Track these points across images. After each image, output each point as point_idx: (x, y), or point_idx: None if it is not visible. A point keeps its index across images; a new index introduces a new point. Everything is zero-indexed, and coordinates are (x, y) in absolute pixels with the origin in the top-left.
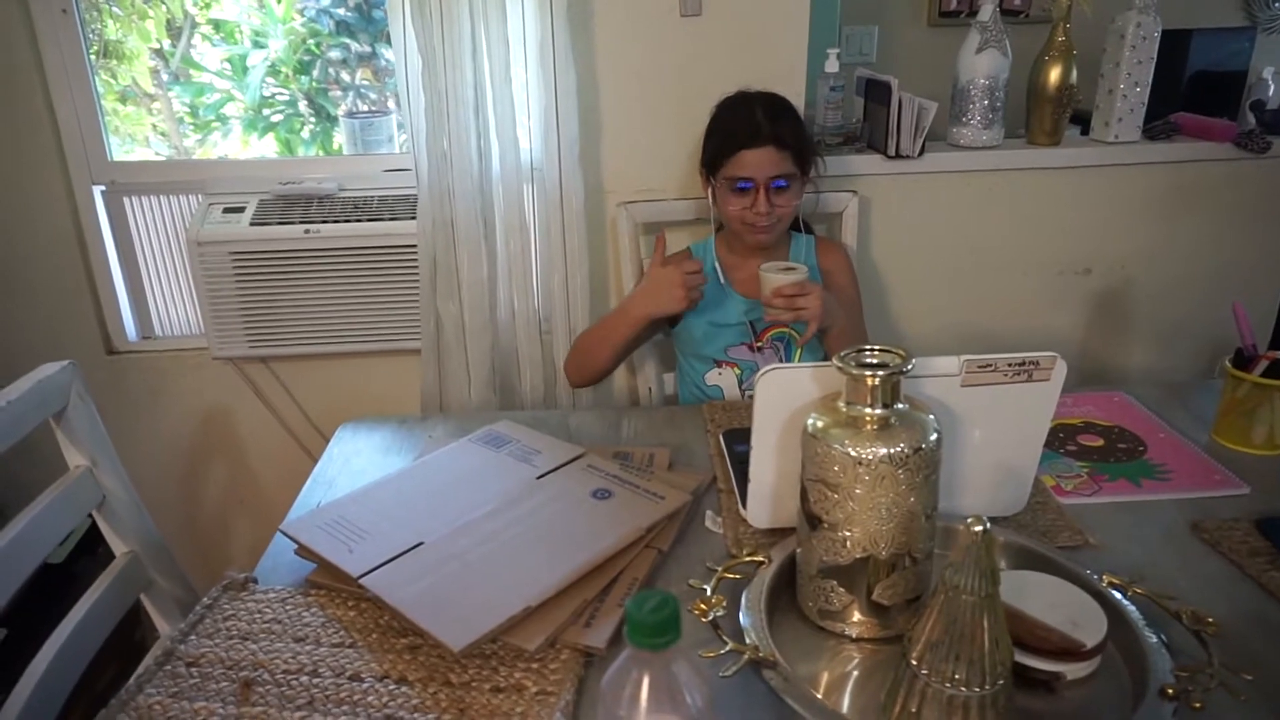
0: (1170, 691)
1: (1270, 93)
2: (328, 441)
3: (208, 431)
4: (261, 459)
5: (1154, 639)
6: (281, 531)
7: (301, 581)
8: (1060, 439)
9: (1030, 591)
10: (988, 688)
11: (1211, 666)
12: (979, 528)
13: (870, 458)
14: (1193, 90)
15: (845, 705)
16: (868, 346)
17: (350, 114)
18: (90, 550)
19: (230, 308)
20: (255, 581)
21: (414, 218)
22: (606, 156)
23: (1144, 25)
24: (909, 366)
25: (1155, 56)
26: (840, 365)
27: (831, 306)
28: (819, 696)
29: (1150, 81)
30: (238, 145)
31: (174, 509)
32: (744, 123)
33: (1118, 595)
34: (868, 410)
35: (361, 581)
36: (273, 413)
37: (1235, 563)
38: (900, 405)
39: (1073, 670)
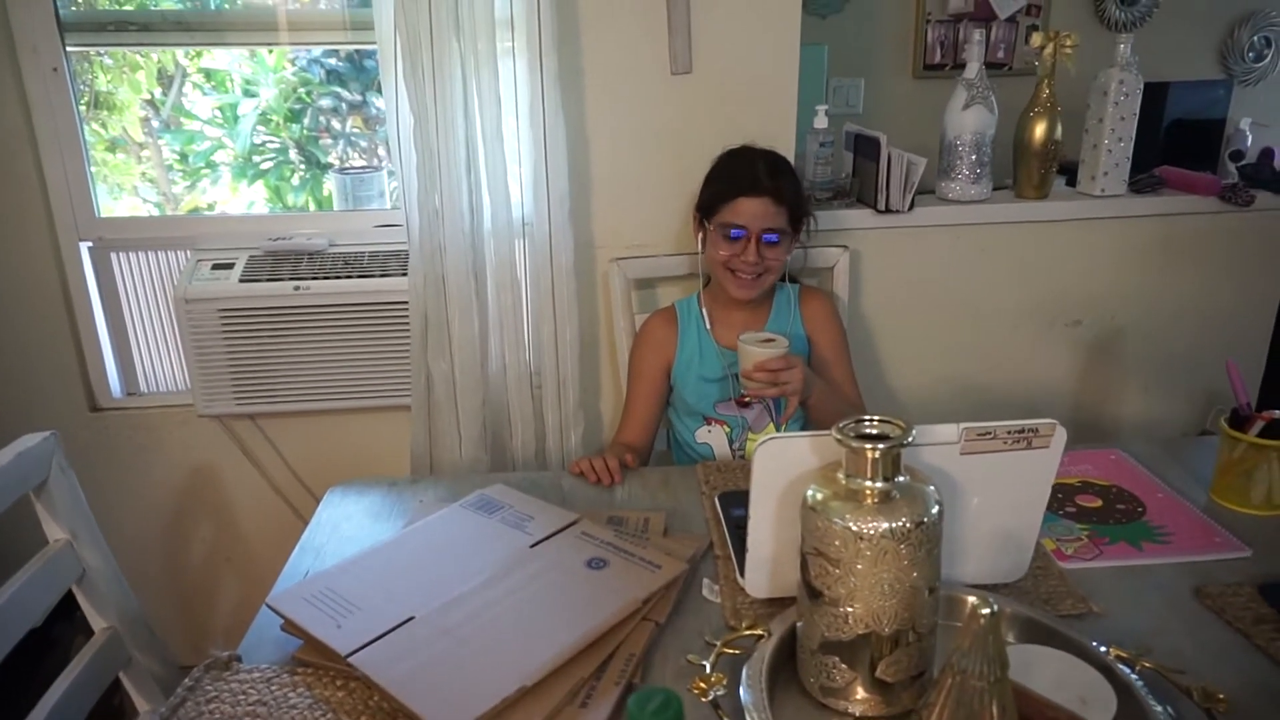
0: None
1: (1248, 143)
2: (317, 500)
3: (194, 490)
4: (249, 518)
5: (1164, 717)
6: (268, 605)
7: (288, 659)
8: (1059, 500)
9: (1037, 668)
10: None
11: None
12: (986, 610)
13: (871, 533)
14: (1171, 140)
15: None
16: (867, 417)
17: (341, 169)
18: (67, 614)
19: (217, 365)
20: (239, 660)
21: (405, 274)
22: (597, 212)
23: (1126, 82)
24: (910, 438)
25: (1138, 112)
26: (840, 437)
27: (811, 378)
28: None
29: (1134, 136)
30: (227, 193)
31: (159, 569)
32: (745, 172)
33: (1125, 670)
34: (868, 483)
35: (350, 660)
36: (260, 471)
37: (1240, 630)
38: (901, 478)
39: None
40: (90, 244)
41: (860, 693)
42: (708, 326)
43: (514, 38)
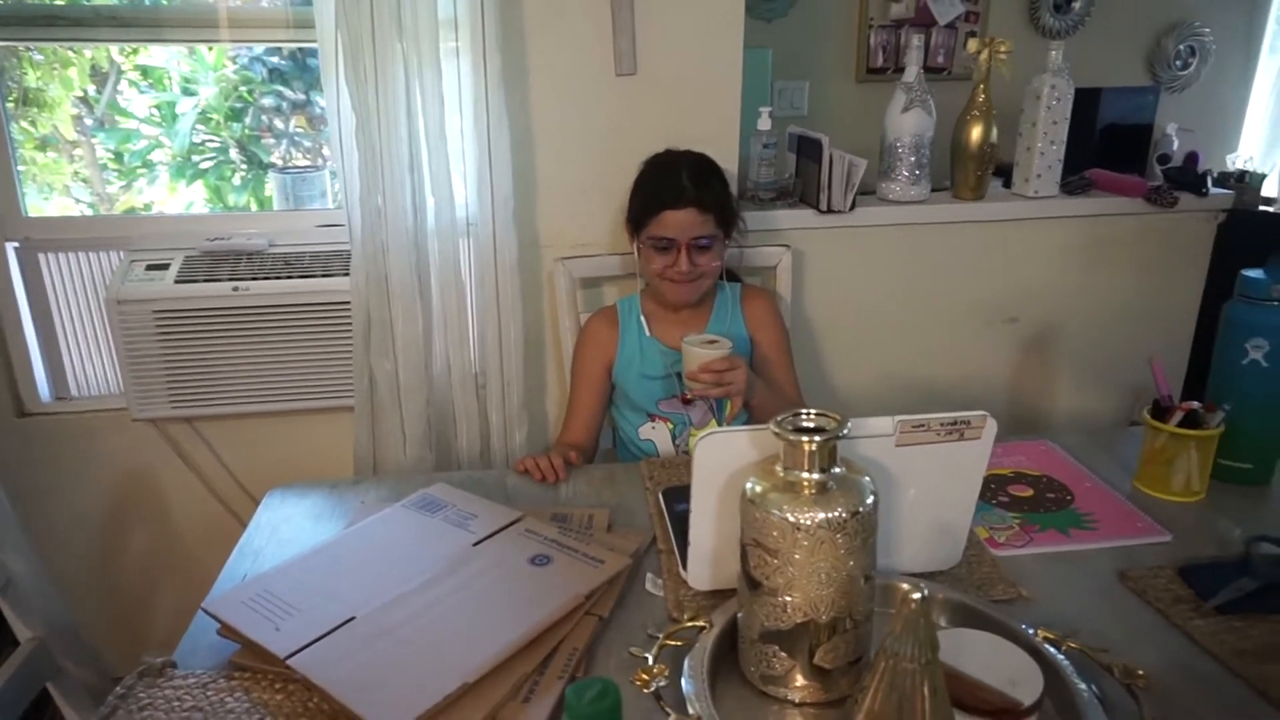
0: None
1: (1174, 147)
2: (257, 504)
3: (128, 496)
4: (186, 524)
5: (1088, 694)
6: (204, 610)
7: (225, 664)
8: (992, 490)
9: (968, 650)
10: None
11: None
12: (916, 595)
13: (808, 523)
14: (1103, 144)
15: None
16: (804, 411)
17: (282, 168)
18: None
19: (153, 367)
20: (174, 666)
21: (347, 274)
22: (541, 212)
23: (1058, 87)
24: (845, 430)
25: (1069, 116)
26: (777, 431)
27: (753, 378)
28: None
29: (1065, 140)
30: (165, 193)
31: (92, 578)
32: (669, 184)
33: (1052, 650)
34: (805, 475)
35: (289, 662)
36: (198, 475)
37: (1161, 611)
38: (837, 469)
39: None
40: (16, 244)
41: (799, 680)
42: (646, 327)
43: (458, 38)
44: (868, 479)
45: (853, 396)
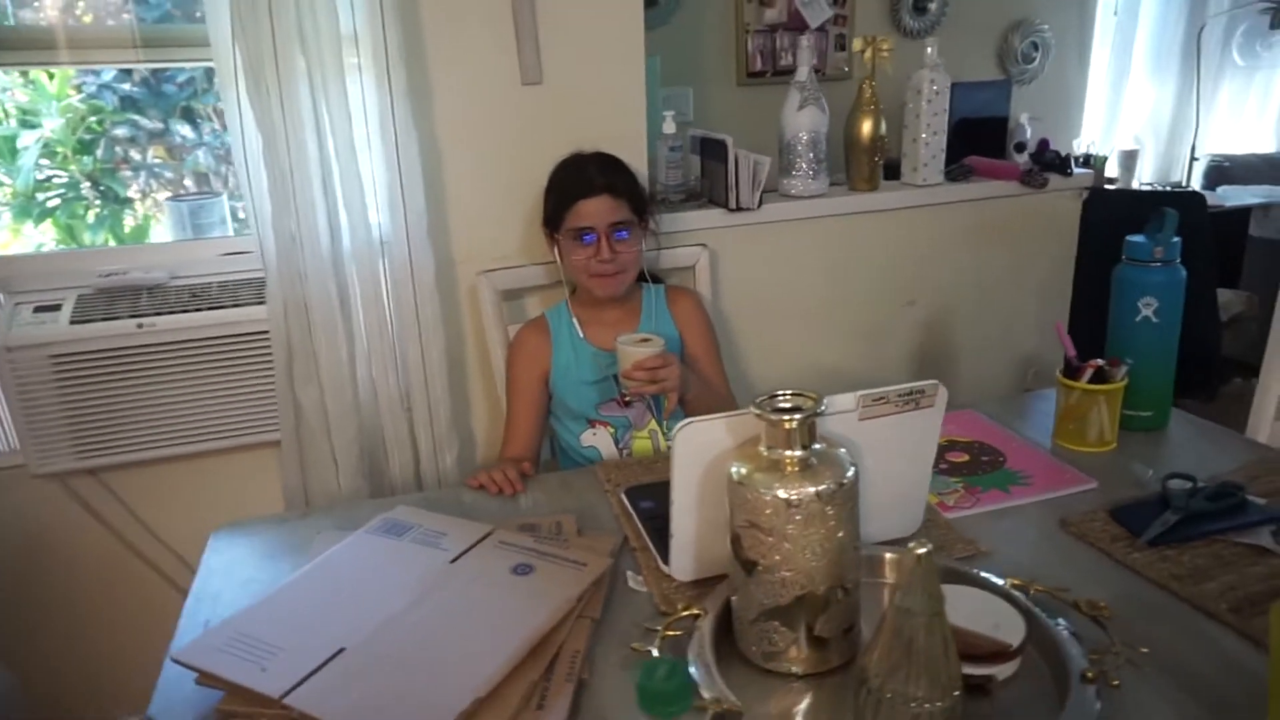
0: (1090, 675)
1: (1028, 135)
2: (180, 557)
3: (37, 559)
4: (106, 586)
5: (1062, 629)
6: (174, 660)
7: (210, 713)
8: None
9: (951, 604)
10: (948, 700)
11: (1115, 647)
12: (922, 551)
13: (801, 498)
14: (962, 136)
15: None
16: (780, 392)
17: (175, 197)
18: None
19: (51, 417)
20: None
21: (260, 302)
22: (455, 226)
23: (936, 80)
24: (823, 408)
25: (949, 108)
26: (759, 412)
27: (686, 375)
28: None
29: (946, 129)
30: (7, 235)
31: (14, 653)
32: (578, 176)
33: (1022, 595)
34: (789, 453)
35: (286, 701)
36: (112, 531)
37: (1103, 550)
38: (817, 445)
39: (1003, 671)
40: None
41: (799, 652)
42: (580, 331)
43: (359, 52)
44: (844, 451)
45: (771, 385)
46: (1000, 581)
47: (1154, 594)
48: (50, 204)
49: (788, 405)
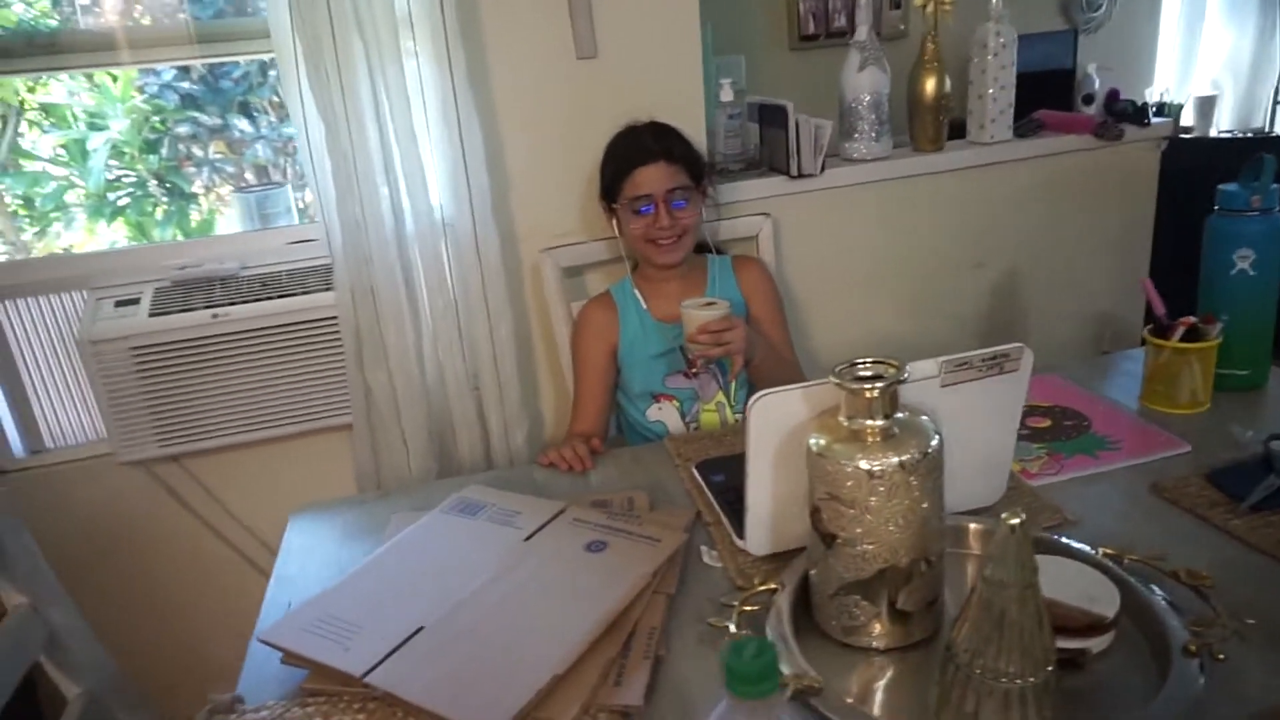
0: (1192, 649)
1: (1096, 86)
2: (260, 539)
3: (123, 546)
4: (191, 569)
5: (1161, 600)
6: (261, 640)
7: (295, 691)
8: None
9: (1042, 575)
10: (1041, 675)
11: (1220, 618)
12: (1015, 520)
13: (884, 469)
14: (1029, 89)
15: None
16: (859, 360)
17: (241, 188)
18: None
19: (135, 407)
20: (242, 701)
21: (327, 288)
22: (517, 204)
23: (1002, 32)
24: (905, 375)
25: (1015, 60)
26: (838, 381)
27: (753, 338)
28: (875, 714)
29: (1014, 83)
30: (83, 234)
31: (109, 635)
32: (634, 145)
33: (1116, 566)
34: (870, 423)
35: (368, 680)
36: (195, 515)
37: (1200, 516)
38: (900, 414)
39: (1097, 644)
40: None
41: (881, 626)
42: (644, 305)
43: (415, 35)
44: (927, 419)
45: (837, 355)
46: (1091, 551)
47: (1260, 562)
48: (120, 203)
49: (868, 374)
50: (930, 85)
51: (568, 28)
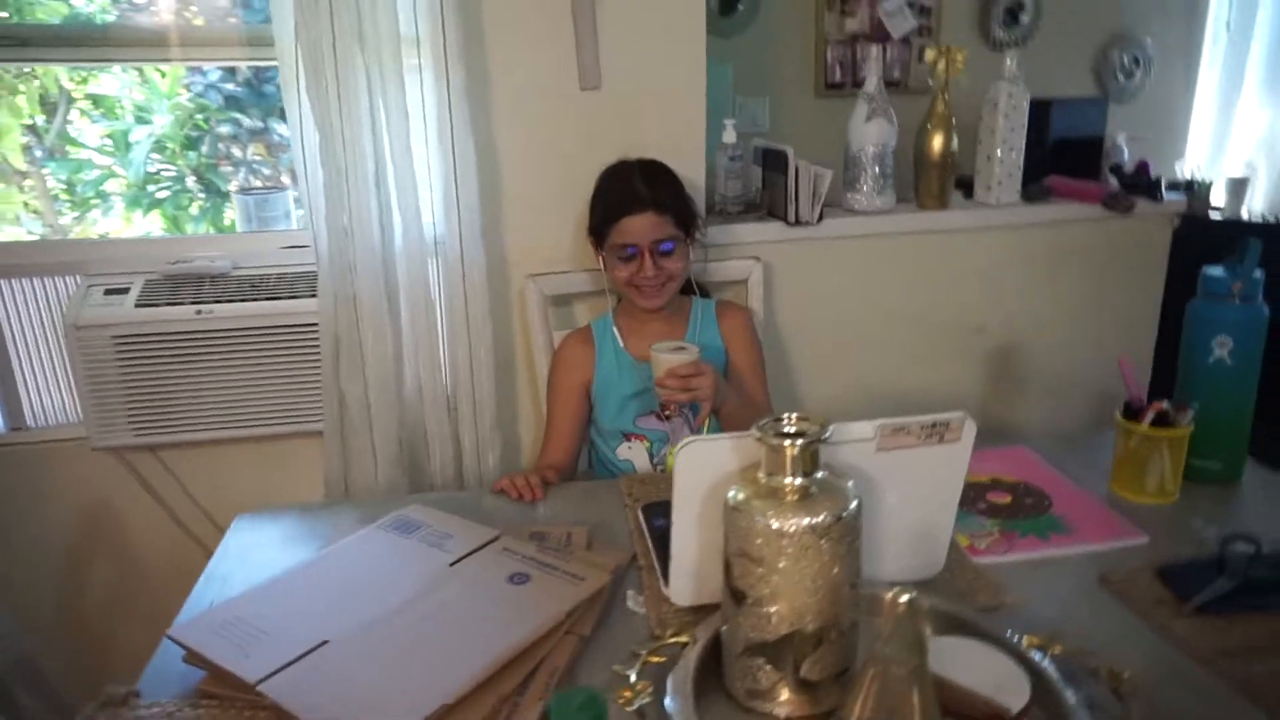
0: None
1: (1125, 156)
2: (224, 532)
3: (89, 527)
4: (151, 557)
5: (1074, 699)
6: (168, 637)
7: (192, 692)
8: (970, 498)
9: (954, 658)
10: None
11: None
12: (905, 598)
13: (793, 529)
14: (1057, 155)
15: None
16: (785, 415)
17: (243, 190)
18: None
19: (113, 394)
20: (138, 695)
21: (314, 295)
22: (508, 229)
23: (1014, 94)
24: (827, 434)
25: (1026, 124)
26: (759, 435)
27: (723, 385)
28: None
29: (1023, 147)
30: (120, 223)
31: (52, 612)
32: (623, 191)
33: (1037, 656)
34: (787, 480)
35: (260, 688)
36: (162, 505)
37: (1142, 614)
38: (819, 474)
39: None
40: None
41: (785, 694)
42: (622, 344)
43: (419, 53)
44: (850, 483)
45: (824, 408)
46: (1015, 638)
47: (1192, 667)
48: (159, 195)
49: (791, 430)
50: (938, 142)
51: (572, 57)
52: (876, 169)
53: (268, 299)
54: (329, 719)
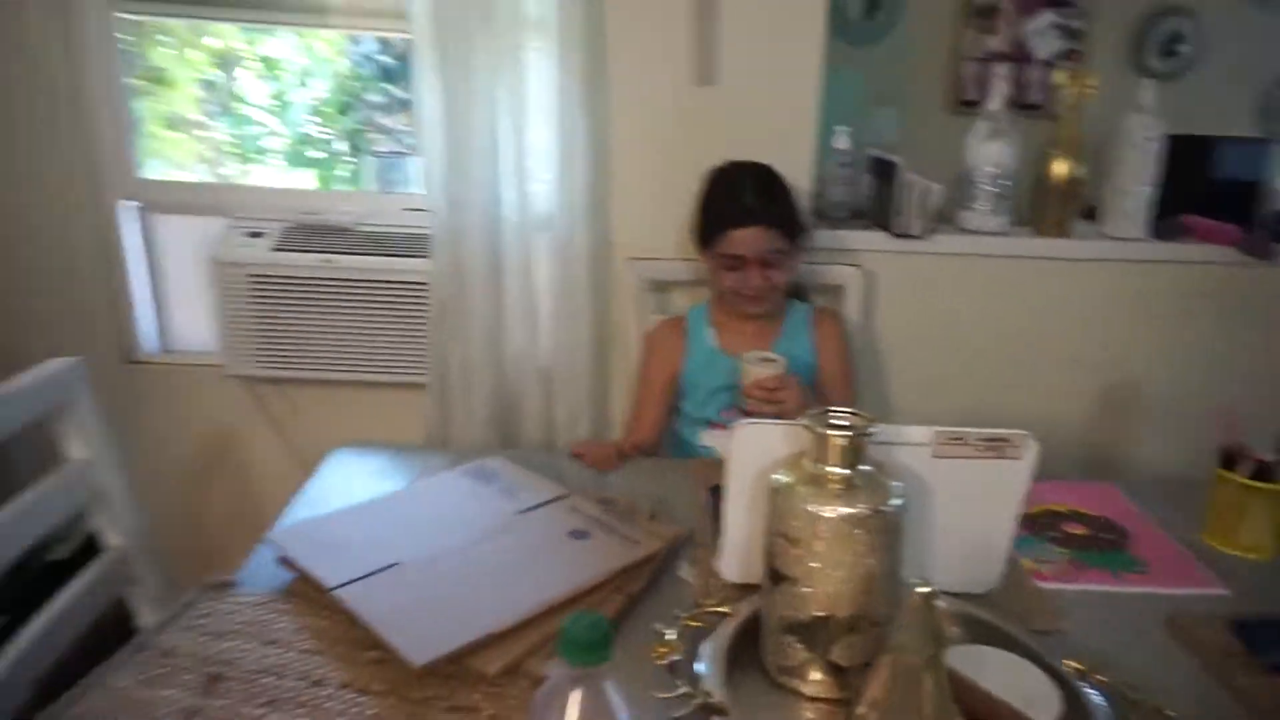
0: None
1: None
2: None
3: (215, 445)
4: (263, 476)
5: None
6: (267, 538)
7: (281, 589)
8: (1045, 524)
9: (989, 666)
10: None
11: None
12: (924, 589)
13: (830, 515)
14: (1212, 197)
15: None
16: (836, 409)
17: (374, 152)
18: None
19: (245, 328)
20: (235, 585)
21: (427, 256)
22: (615, 212)
23: (1148, 127)
24: (873, 430)
25: (1161, 157)
26: (808, 424)
27: (809, 399)
28: None
29: (1155, 181)
30: (277, 178)
31: (174, 516)
32: (734, 202)
33: (1077, 680)
34: (830, 469)
35: (335, 593)
36: (278, 433)
37: (1205, 661)
38: (865, 467)
39: None
40: (132, 203)
41: (814, 674)
42: (715, 338)
43: (543, 38)
44: (898, 483)
45: (916, 421)
46: (1058, 660)
47: None
48: (314, 157)
49: (840, 422)
50: (1061, 168)
51: (692, 53)
52: (992, 190)
53: (386, 255)
54: (388, 626)
